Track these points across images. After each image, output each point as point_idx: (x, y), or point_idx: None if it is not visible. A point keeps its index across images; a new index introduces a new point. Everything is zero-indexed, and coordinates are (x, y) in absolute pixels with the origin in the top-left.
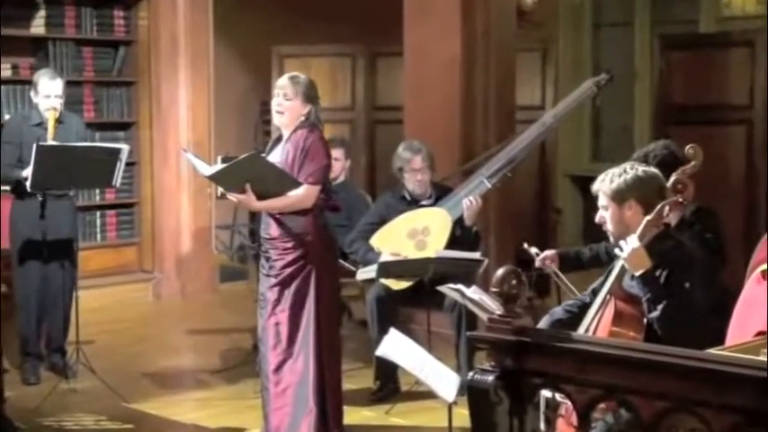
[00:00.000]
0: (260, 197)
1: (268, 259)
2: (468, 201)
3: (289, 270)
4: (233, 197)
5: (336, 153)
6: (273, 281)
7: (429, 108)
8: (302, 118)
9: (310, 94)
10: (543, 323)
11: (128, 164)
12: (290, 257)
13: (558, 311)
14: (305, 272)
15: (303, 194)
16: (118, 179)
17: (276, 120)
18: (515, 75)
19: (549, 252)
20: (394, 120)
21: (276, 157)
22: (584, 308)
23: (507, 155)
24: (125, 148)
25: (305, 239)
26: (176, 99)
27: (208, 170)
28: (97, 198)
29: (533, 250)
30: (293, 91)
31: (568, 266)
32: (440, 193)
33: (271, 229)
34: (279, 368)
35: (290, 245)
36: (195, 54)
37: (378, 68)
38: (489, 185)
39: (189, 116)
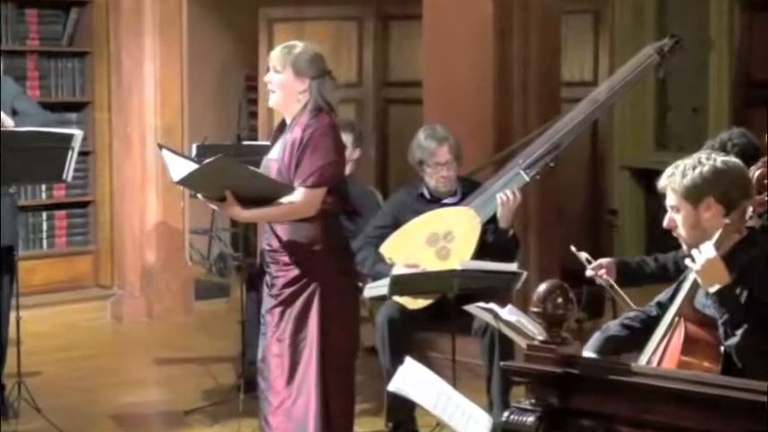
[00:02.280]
0: (248, 203)
1: (270, 276)
2: (502, 197)
3: (290, 290)
4: (212, 205)
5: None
6: (274, 302)
7: (454, 84)
8: (299, 98)
9: (304, 65)
10: (593, 342)
11: (81, 153)
12: (292, 274)
13: (612, 327)
14: (307, 292)
15: (301, 201)
16: (69, 172)
17: (270, 100)
18: (561, 42)
19: (604, 260)
20: (410, 99)
21: (276, 152)
22: (648, 324)
23: (550, 141)
24: (78, 133)
25: (310, 251)
26: (141, 73)
27: (177, 173)
28: (43, 196)
29: (584, 256)
30: (281, 62)
31: (628, 279)
32: (467, 188)
33: (272, 237)
34: (277, 412)
35: (292, 258)
36: (164, 18)
37: (390, 35)
38: (527, 178)
39: (157, 95)
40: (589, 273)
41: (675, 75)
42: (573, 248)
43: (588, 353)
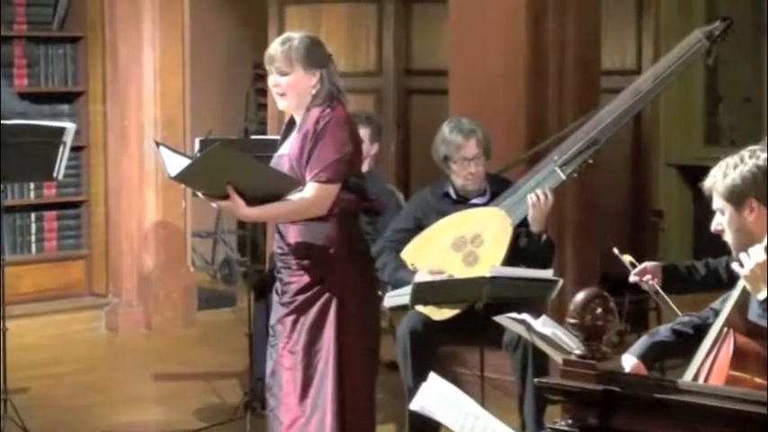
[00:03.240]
0: (254, 200)
1: (281, 282)
2: (532, 198)
3: (303, 297)
4: (213, 204)
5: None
6: (285, 310)
7: (483, 73)
8: (312, 92)
9: (314, 56)
10: (637, 346)
11: (73, 149)
12: (305, 279)
13: (662, 331)
14: (323, 300)
15: (312, 198)
16: (60, 170)
17: (280, 104)
18: (600, 26)
19: (649, 264)
20: (434, 89)
21: (287, 147)
22: (702, 331)
23: (588, 135)
24: (70, 127)
25: (326, 254)
26: (139, 61)
27: (174, 168)
28: (31, 195)
29: (627, 259)
30: (287, 61)
31: (675, 285)
32: (496, 187)
33: (283, 239)
34: (289, 430)
35: (305, 262)
36: (165, 2)
37: (413, 19)
38: (564, 177)
39: (156, 84)
40: (633, 278)
41: (727, 62)
42: (615, 251)
43: (629, 356)
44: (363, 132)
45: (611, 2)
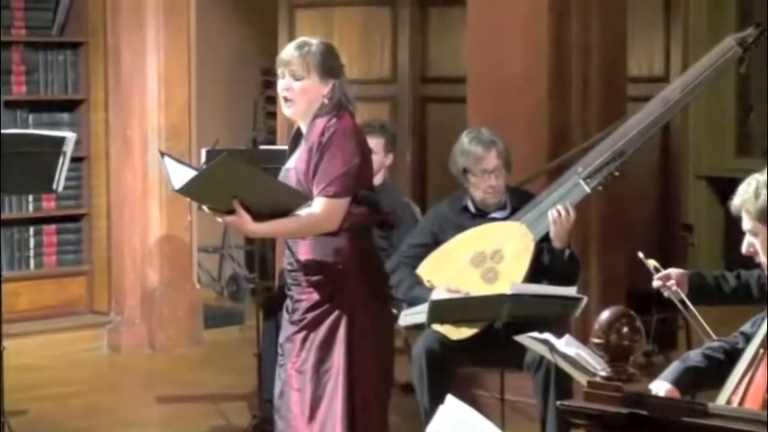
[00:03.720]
0: (261, 215)
1: (292, 299)
2: (553, 213)
3: (313, 314)
4: (219, 218)
5: (371, 143)
6: (295, 328)
7: (503, 80)
8: (324, 101)
9: (330, 65)
10: (670, 372)
11: (74, 159)
12: (315, 296)
13: (693, 356)
14: (333, 317)
15: (321, 213)
16: (60, 181)
17: (286, 110)
18: (626, 30)
19: (674, 270)
20: (452, 97)
21: (293, 160)
22: (733, 356)
23: (614, 146)
24: (70, 137)
25: (337, 270)
26: (142, 67)
27: (178, 180)
28: (30, 208)
29: (651, 264)
30: (304, 65)
31: (702, 295)
32: (517, 200)
33: (293, 255)
34: None
35: (316, 279)
36: (170, 4)
37: (429, 23)
38: (588, 190)
39: (161, 92)
40: (656, 283)
41: (760, 70)
42: (640, 255)
43: (662, 382)
44: (377, 142)
45: (638, 4)
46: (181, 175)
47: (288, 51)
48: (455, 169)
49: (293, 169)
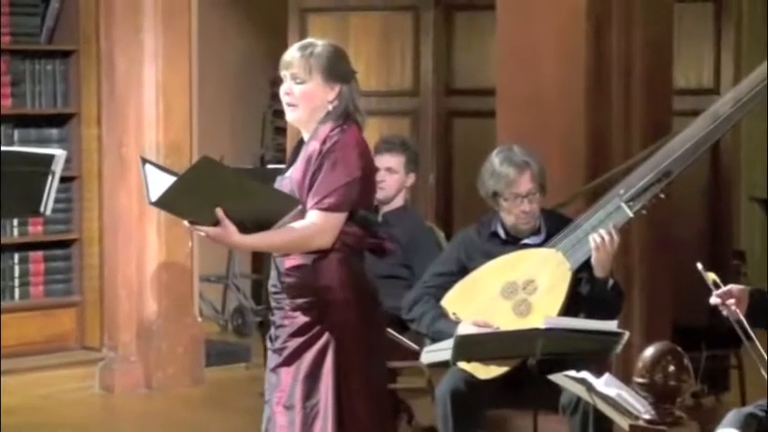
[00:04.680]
0: (248, 228)
1: (274, 324)
2: (596, 239)
3: (296, 342)
4: (201, 231)
5: (391, 161)
6: (278, 359)
7: (536, 92)
8: (329, 108)
9: (337, 68)
10: (728, 421)
11: (63, 179)
12: (299, 321)
13: (750, 407)
14: (317, 346)
15: (316, 226)
16: (48, 204)
17: (289, 116)
18: (672, 38)
19: (736, 287)
20: (480, 110)
21: (289, 171)
22: None
23: (659, 166)
24: (59, 154)
25: (322, 295)
26: (139, 77)
27: (155, 191)
28: (15, 233)
29: (711, 277)
30: (307, 67)
31: (763, 316)
32: (553, 225)
33: (277, 276)
34: None
35: (299, 302)
36: (169, 8)
37: (455, 29)
38: (631, 214)
39: (159, 104)
40: (714, 300)
41: None
42: (699, 266)
43: (731, 430)
44: (397, 161)
45: (685, 9)
46: (161, 184)
47: (290, 52)
48: (484, 192)
49: (288, 178)
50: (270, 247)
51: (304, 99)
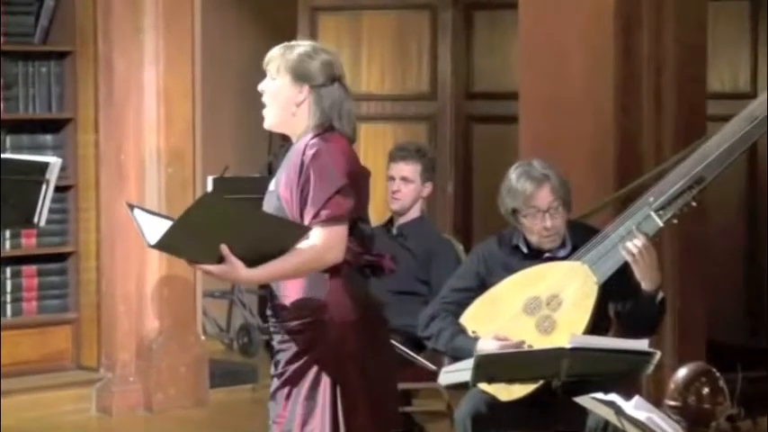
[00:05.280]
0: (254, 260)
1: (274, 350)
2: (632, 248)
3: (294, 367)
4: (205, 270)
5: (406, 169)
6: (277, 384)
7: (561, 96)
8: (294, 111)
9: (307, 68)
10: None
11: (58, 188)
12: (297, 345)
13: None
14: (314, 371)
15: (321, 243)
16: (42, 214)
17: (266, 120)
18: (707, 39)
19: None
20: (501, 115)
21: (273, 183)
22: None
23: (692, 172)
24: (54, 162)
25: (320, 315)
26: (139, 80)
27: (153, 234)
28: (7, 245)
29: None
30: (276, 64)
31: None
32: (578, 237)
33: (278, 300)
34: None
35: (294, 324)
36: (171, 7)
37: (475, 29)
38: (661, 223)
39: (160, 109)
40: None
41: None
42: None
43: None
44: (413, 169)
45: (720, 10)
46: (156, 228)
47: (270, 52)
48: (504, 210)
49: (274, 193)
50: (281, 277)
51: (272, 97)
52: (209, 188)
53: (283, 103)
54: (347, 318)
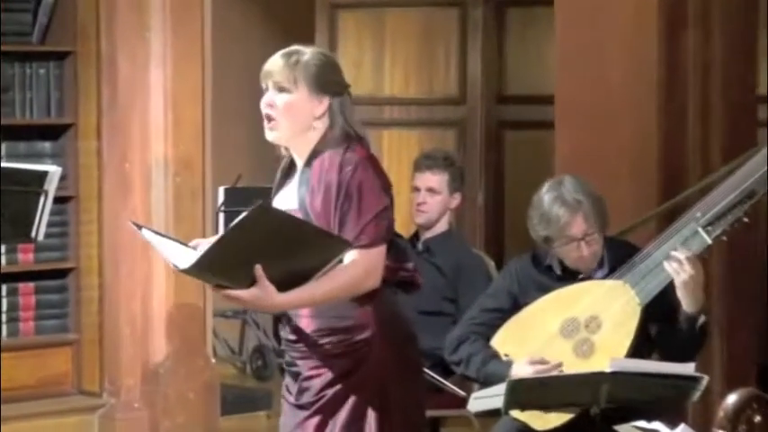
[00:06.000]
0: (284, 283)
1: (296, 377)
2: (675, 264)
3: (332, 392)
4: (234, 295)
5: (433, 180)
6: (305, 414)
7: (600, 100)
8: (314, 125)
9: (327, 79)
10: None
11: (57, 200)
12: (332, 372)
13: None
14: (357, 396)
15: (360, 268)
16: (40, 228)
17: (268, 134)
18: (757, 40)
19: None
20: (535, 121)
21: (293, 200)
22: None
23: (742, 185)
24: (53, 171)
25: (357, 336)
26: (145, 83)
27: (178, 257)
28: (2, 261)
29: None
30: (289, 75)
31: None
32: (618, 256)
33: (296, 322)
34: None
35: (331, 347)
36: (180, 2)
37: (508, 28)
38: (709, 240)
39: (168, 113)
40: None
41: None
42: None
43: None
44: (440, 179)
45: None
46: (170, 249)
47: (272, 60)
48: (536, 236)
49: (298, 211)
50: (312, 303)
51: (287, 112)
52: (221, 199)
53: (301, 116)
54: (387, 337)
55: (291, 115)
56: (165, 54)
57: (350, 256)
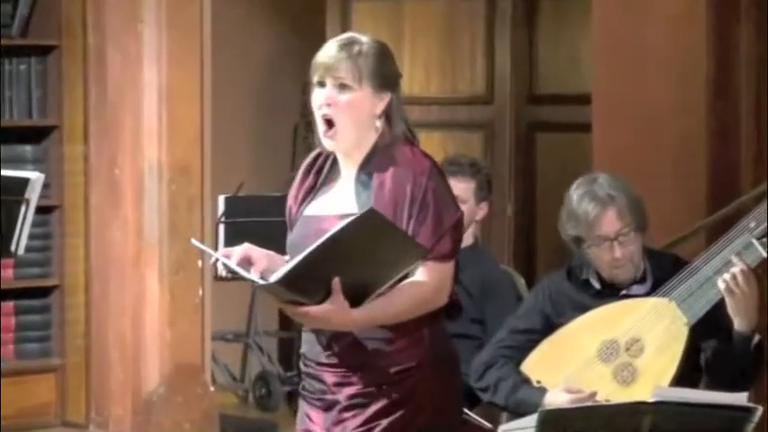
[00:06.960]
0: (353, 297)
1: (328, 408)
2: (728, 282)
3: (386, 423)
4: (301, 312)
5: (458, 187)
6: None
7: (643, 102)
8: (376, 124)
9: (389, 73)
10: None
11: (40, 210)
12: (386, 399)
13: None
14: (412, 426)
15: (435, 281)
16: (21, 241)
17: (327, 142)
18: None
19: None
20: (571, 123)
21: (341, 205)
22: None
23: None
24: (35, 178)
25: (409, 362)
26: (137, 81)
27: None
28: None
29: None
30: (354, 70)
31: None
32: (662, 270)
33: (332, 340)
34: None
35: (377, 373)
36: None
37: (539, 19)
38: (764, 253)
39: (162, 115)
40: None
41: None
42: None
43: None
44: (465, 187)
45: None
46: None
47: (330, 52)
48: (566, 237)
49: (338, 217)
50: (383, 320)
51: (350, 112)
52: (221, 209)
53: (364, 116)
54: (436, 364)
55: (352, 115)
56: (159, 49)
57: (423, 269)
